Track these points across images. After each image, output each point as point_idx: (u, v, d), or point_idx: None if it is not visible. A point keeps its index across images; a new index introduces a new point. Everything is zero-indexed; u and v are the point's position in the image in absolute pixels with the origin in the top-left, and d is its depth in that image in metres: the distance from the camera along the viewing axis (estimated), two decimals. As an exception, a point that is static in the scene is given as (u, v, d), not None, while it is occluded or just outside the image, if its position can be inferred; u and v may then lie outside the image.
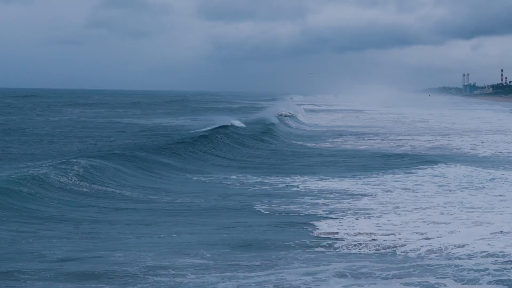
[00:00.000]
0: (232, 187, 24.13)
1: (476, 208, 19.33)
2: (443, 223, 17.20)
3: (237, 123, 50.42)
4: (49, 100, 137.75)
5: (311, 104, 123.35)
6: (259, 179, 25.80)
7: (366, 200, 21.08)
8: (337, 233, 16.25)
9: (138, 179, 24.92)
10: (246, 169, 29.73)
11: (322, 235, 16.02)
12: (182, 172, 27.93)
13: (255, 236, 15.87)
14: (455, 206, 19.70)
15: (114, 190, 22.50)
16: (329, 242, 15.34)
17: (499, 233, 15.91)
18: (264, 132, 47.07)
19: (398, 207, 19.57)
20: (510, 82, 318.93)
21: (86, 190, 21.96)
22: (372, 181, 24.97)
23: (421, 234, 16.00)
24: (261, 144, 40.96)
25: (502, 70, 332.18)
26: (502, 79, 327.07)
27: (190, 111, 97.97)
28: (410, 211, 18.96)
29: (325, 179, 25.58)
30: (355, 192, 22.49)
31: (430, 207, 19.47)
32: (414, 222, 17.38)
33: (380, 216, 18.21)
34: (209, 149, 35.24)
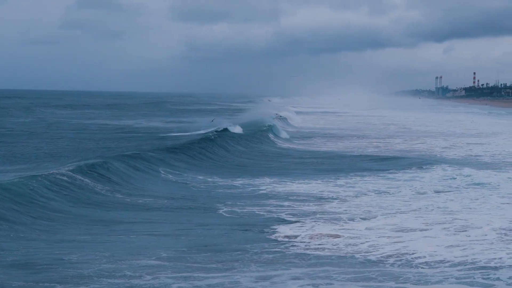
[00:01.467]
0: (196, 189, 23.83)
1: (452, 213, 18.87)
2: (414, 228, 16.79)
3: (233, 126, 48.40)
4: (23, 101, 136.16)
5: (291, 106, 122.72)
6: (228, 181, 25.52)
7: (335, 203, 20.67)
8: (296, 236, 15.95)
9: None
10: (215, 169, 29.52)
11: (282, 238, 15.72)
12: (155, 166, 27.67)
13: (213, 238, 15.63)
14: (432, 210, 19.30)
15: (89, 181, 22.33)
16: (288, 245, 15.06)
17: (470, 239, 15.59)
18: (254, 134, 46.18)
19: (369, 211, 19.16)
20: (482, 85, 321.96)
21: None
22: (345, 184, 24.60)
23: (388, 238, 15.69)
24: (245, 146, 40.11)
25: (474, 73, 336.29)
26: (474, 82, 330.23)
27: (174, 113, 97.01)
28: (381, 215, 18.57)
29: (294, 181, 25.29)
30: (325, 195, 22.13)
31: (403, 212, 19.06)
32: (383, 227, 16.99)
33: (346, 220, 17.86)
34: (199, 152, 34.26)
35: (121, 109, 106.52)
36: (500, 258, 13.74)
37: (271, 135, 46.83)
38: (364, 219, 18.06)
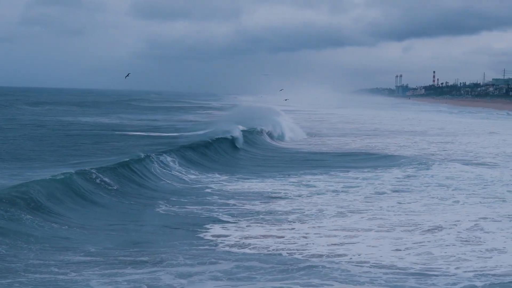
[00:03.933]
0: (142, 182, 23.24)
1: (410, 213, 18.36)
2: (363, 228, 16.37)
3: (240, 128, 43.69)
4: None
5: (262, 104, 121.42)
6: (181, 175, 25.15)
7: (283, 202, 20.15)
8: (228, 235, 15.68)
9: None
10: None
11: (212, 238, 15.45)
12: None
13: (142, 236, 15.42)
14: (388, 210, 18.78)
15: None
16: (217, 244, 14.83)
17: (421, 240, 15.16)
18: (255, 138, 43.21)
19: (321, 210, 18.70)
20: (442, 83, 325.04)
21: None
22: (298, 182, 24.07)
23: (328, 238, 15.31)
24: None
25: (434, 72, 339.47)
26: (434, 81, 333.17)
27: (151, 110, 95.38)
28: (331, 215, 18.10)
29: (248, 179, 24.85)
30: (273, 194, 21.58)
31: (356, 211, 18.58)
32: (327, 227, 16.55)
33: (289, 220, 17.44)
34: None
35: (89, 107, 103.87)
36: (444, 265, 13.23)
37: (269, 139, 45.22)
38: (311, 219, 17.63)
